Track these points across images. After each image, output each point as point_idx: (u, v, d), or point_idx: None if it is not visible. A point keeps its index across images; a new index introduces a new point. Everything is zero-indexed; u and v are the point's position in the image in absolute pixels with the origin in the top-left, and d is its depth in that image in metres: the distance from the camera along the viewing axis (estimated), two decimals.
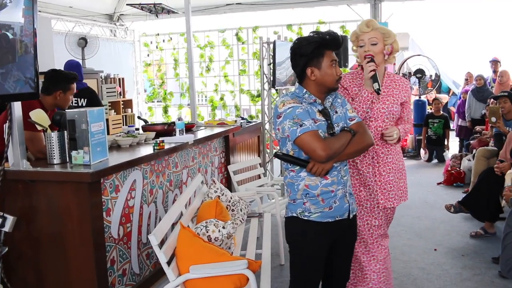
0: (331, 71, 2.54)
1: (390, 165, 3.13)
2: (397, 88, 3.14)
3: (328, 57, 2.53)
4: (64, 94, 3.97)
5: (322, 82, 2.55)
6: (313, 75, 2.54)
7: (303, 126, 2.45)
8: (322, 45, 2.52)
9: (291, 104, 2.51)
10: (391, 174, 3.12)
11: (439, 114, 9.67)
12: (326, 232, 2.61)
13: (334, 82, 2.56)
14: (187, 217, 3.58)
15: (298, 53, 2.55)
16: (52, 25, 9.02)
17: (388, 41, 3.06)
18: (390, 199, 3.13)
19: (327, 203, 2.56)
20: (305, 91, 2.58)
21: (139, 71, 12.48)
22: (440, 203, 6.29)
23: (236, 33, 11.32)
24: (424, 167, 9.33)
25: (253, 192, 4.70)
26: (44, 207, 3.24)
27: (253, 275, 2.76)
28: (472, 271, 4.33)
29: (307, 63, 2.54)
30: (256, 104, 11.21)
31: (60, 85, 3.96)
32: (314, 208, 2.56)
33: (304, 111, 2.49)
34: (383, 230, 3.24)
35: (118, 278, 3.53)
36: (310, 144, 2.44)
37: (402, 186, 3.22)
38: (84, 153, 3.28)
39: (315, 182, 2.54)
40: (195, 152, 4.86)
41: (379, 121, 3.08)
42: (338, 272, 2.81)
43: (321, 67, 2.53)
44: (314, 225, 2.57)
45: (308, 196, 2.56)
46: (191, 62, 6.34)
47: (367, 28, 3.04)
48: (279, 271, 4.39)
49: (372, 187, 3.12)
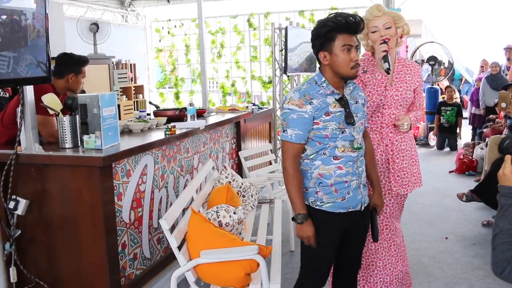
0: (343, 56, 2.43)
1: (404, 152, 3.12)
2: (409, 74, 3.11)
3: (341, 41, 2.42)
4: (76, 77, 3.99)
5: (334, 68, 2.47)
6: (325, 60, 2.48)
7: (284, 133, 2.49)
8: (334, 28, 2.42)
9: (293, 106, 2.45)
10: (404, 161, 3.11)
11: (452, 102, 9.59)
12: (338, 223, 2.58)
13: (348, 68, 2.45)
14: (198, 203, 3.58)
15: (313, 35, 2.50)
16: (64, 10, 9.02)
17: (400, 24, 3.04)
18: (404, 185, 3.12)
19: (340, 193, 2.52)
20: (323, 80, 2.50)
21: (151, 57, 12.47)
22: (451, 191, 6.25)
23: (247, 19, 11.26)
24: (436, 155, 9.27)
25: (264, 178, 4.70)
26: (56, 191, 3.25)
27: (264, 260, 2.75)
28: (483, 259, 4.31)
29: (321, 46, 2.48)
30: (267, 91, 11.17)
31: (72, 68, 3.98)
32: (326, 198, 2.52)
33: (298, 117, 2.44)
34: (395, 218, 3.23)
35: (129, 262, 3.55)
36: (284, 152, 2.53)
37: (416, 172, 3.21)
38: (96, 137, 3.28)
39: (329, 172, 2.50)
40: (206, 137, 4.85)
41: (393, 108, 3.05)
42: (350, 261, 2.80)
43: (332, 51, 2.45)
44: (325, 215, 2.54)
45: (321, 185, 2.51)
46: (202, 48, 6.32)
47: (379, 13, 2.99)
48: (289, 257, 4.39)
49: (384, 173, 3.11)
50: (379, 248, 3.20)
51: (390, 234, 3.22)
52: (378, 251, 3.20)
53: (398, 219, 3.31)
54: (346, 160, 2.52)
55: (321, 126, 2.45)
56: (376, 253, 3.21)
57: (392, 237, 3.22)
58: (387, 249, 3.21)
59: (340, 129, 2.47)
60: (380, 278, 3.23)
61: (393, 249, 3.23)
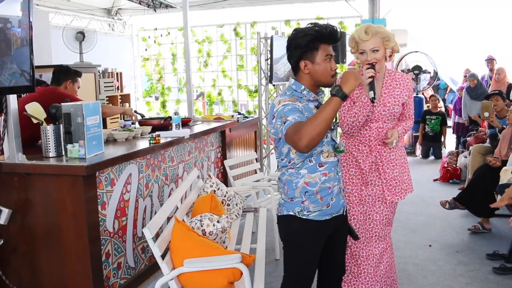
0: (325, 66, 2.49)
1: (394, 161, 3.14)
2: (398, 88, 3.10)
3: (323, 51, 2.48)
4: (72, 84, 4.51)
5: (315, 77, 2.51)
6: (306, 69, 2.51)
7: (286, 122, 2.36)
8: (317, 38, 2.46)
9: (285, 102, 2.45)
10: (395, 170, 3.15)
11: (436, 111, 9.68)
12: (324, 230, 2.61)
13: (329, 77, 2.52)
14: (182, 211, 3.59)
15: (293, 44, 2.51)
16: (50, 19, 8.99)
17: (389, 45, 3.01)
18: (397, 193, 3.17)
19: (325, 200, 2.55)
20: (303, 88, 2.53)
21: (137, 65, 12.46)
22: (436, 199, 6.29)
23: (234, 28, 11.30)
24: (420, 164, 9.35)
25: (249, 187, 4.71)
26: (40, 200, 3.25)
27: (247, 269, 2.76)
28: (466, 267, 4.35)
29: (301, 55, 2.50)
30: (253, 100, 11.20)
31: (70, 76, 4.50)
32: (313, 206, 2.54)
33: (293, 107, 2.41)
34: (386, 224, 3.24)
35: (113, 271, 3.54)
36: (292, 138, 2.30)
37: (407, 179, 3.26)
38: (80, 146, 3.28)
39: (315, 180, 2.53)
40: (191, 146, 4.86)
41: (380, 122, 3.08)
42: (334, 266, 2.81)
43: (315, 60, 2.49)
44: (313, 224, 2.56)
45: (307, 194, 2.53)
46: (188, 57, 6.34)
47: (366, 36, 2.98)
48: (274, 265, 4.40)
49: (375, 182, 3.14)
50: (370, 255, 3.23)
51: (378, 241, 3.24)
52: (369, 257, 3.23)
53: (391, 226, 3.33)
54: (329, 166, 2.55)
55: None
56: (367, 260, 3.23)
57: (381, 244, 3.25)
58: (377, 256, 3.24)
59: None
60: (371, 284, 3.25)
61: (385, 257, 3.26)
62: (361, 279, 3.22)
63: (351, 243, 3.20)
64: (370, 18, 9.90)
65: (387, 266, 3.28)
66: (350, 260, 3.21)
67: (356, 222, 3.18)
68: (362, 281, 3.22)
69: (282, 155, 2.57)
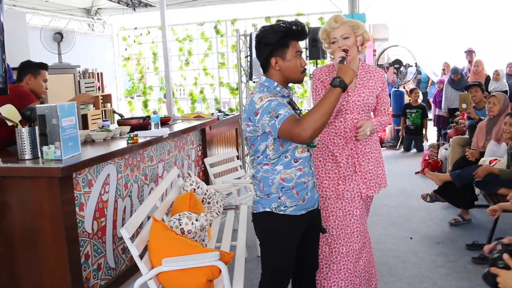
0: (295, 62, 2.52)
1: (369, 154, 3.16)
2: (372, 79, 3.15)
3: (294, 48, 2.51)
4: (34, 78, 4.19)
5: (286, 73, 2.54)
6: (277, 65, 2.52)
7: (279, 117, 2.37)
8: (288, 35, 2.49)
9: (268, 98, 2.45)
10: (370, 163, 3.16)
11: (416, 104, 9.75)
12: (301, 225, 2.63)
13: (299, 73, 2.55)
14: (161, 211, 3.58)
15: (263, 42, 2.52)
16: (27, 19, 8.91)
17: (359, 32, 3.06)
18: (372, 187, 3.17)
19: (301, 195, 2.57)
20: (276, 84, 2.55)
21: (118, 65, 12.40)
22: (417, 192, 6.35)
23: (214, 26, 11.29)
24: (402, 157, 9.41)
25: (229, 184, 4.72)
26: (16, 203, 3.22)
27: (225, 266, 2.77)
28: (446, 258, 4.40)
29: (272, 52, 2.51)
30: (236, 97, 11.20)
31: (29, 69, 4.18)
32: (289, 201, 2.56)
33: (279, 102, 2.44)
34: (364, 220, 3.26)
35: (93, 272, 3.53)
36: (292, 130, 2.33)
37: (381, 173, 3.27)
38: (56, 148, 3.26)
39: (291, 175, 2.54)
40: (171, 145, 4.85)
41: (355, 113, 3.09)
42: (308, 261, 2.83)
43: (285, 57, 2.51)
44: (290, 219, 2.57)
45: (283, 189, 2.55)
46: (166, 55, 6.33)
47: (336, 24, 3.03)
48: (256, 262, 4.40)
49: (351, 177, 3.15)
50: (350, 251, 3.23)
51: (360, 236, 3.25)
52: (349, 253, 3.23)
53: (366, 222, 3.35)
54: (304, 161, 2.58)
55: None
56: (347, 256, 3.23)
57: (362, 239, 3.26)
58: (357, 252, 3.25)
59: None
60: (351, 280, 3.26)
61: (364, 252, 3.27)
62: (340, 275, 3.23)
63: (331, 239, 3.20)
64: (350, 13, 9.96)
65: (366, 261, 3.30)
66: (330, 257, 3.22)
67: (335, 218, 3.17)
68: (342, 277, 3.23)
69: (258, 152, 2.57)
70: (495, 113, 5.59)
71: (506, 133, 4.92)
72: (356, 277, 3.25)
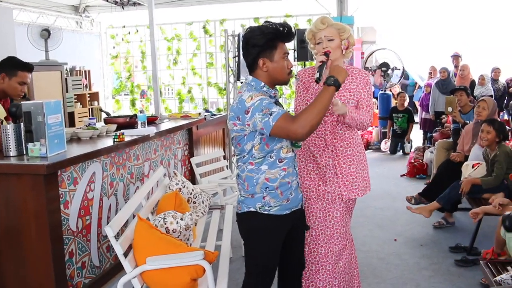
0: (283, 64, 2.55)
1: (351, 157, 3.13)
2: (354, 82, 3.11)
3: (281, 49, 2.54)
4: (8, 79, 3.74)
5: (273, 74, 2.56)
6: (264, 66, 2.54)
7: (273, 114, 2.40)
8: (276, 37, 2.51)
9: (258, 97, 2.47)
10: (352, 165, 3.13)
11: (403, 109, 9.83)
12: (285, 224, 2.65)
13: (285, 75, 2.58)
14: (146, 209, 3.57)
15: (250, 43, 2.53)
16: (14, 16, 8.84)
17: (344, 36, 3.05)
18: (354, 190, 3.14)
19: (285, 195, 2.60)
20: (263, 84, 2.56)
21: (106, 63, 12.34)
22: (402, 194, 6.39)
23: (203, 26, 11.27)
24: (388, 160, 9.47)
25: (215, 184, 4.72)
26: (0, 199, 3.20)
27: (209, 265, 2.77)
28: (429, 260, 4.44)
29: (260, 53, 2.53)
30: (223, 97, 11.20)
31: (4, 69, 3.75)
32: (273, 201, 2.58)
33: (269, 101, 2.47)
34: (345, 221, 3.26)
35: (77, 270, 3.52)
36: (288, 127, 2.38)
37: (366, 176, 3.24)
38: (41, 145, 3.25)
39: (275, 175, 2.56)
40: (157, 144, 4.84)
41: (334, 116, 3.08)
42: (294, 262, 2.84)
43: (273, 59, 2.53)
44: (274, 218, 2.59)
45: (267, 189, 2.56)
46: (154, 54, 6.32)
47: (322, 25, 3.03)
48: (241, 262, 4.41)
49: (333, 179, 3.14)
50: (329, 252, 3.24)
51: (340, 238, 3.26)
52: (328, 254, 3.24)
53: (348, 224, 3.35)
54: (288, 161, 2.60)
55: None
56: (326, 257, 3.24)
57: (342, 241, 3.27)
58: (337, 253, 3.26)
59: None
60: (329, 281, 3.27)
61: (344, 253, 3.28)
62: (319, 275, 3.24)
63: (310, 239, 3.21)
64: (338, 15, 10.00)
65: (346, 263, 3.31)
66: (309, 257, 3.23)
67: (315, 219, 3.17)
68: (320, 277, 3.24)
69: (244, 152, 2.58)
70: (483, 117, 5.61)
71: (483, 141, 4.93)
72: (335, 278, 3.26)
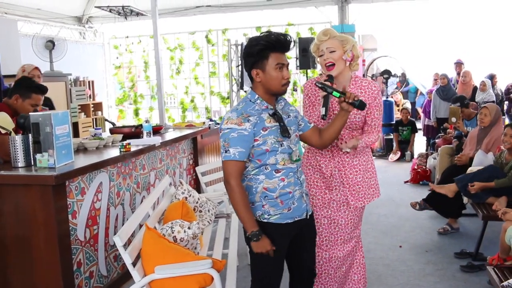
0: (276, 74, 2.51)
1: (357, 167, 3.15)
2: (362, 96, 3.05)
3: (274, 60, 2.50)
4: (22, 100, 3.90)
5: (266, 85, 2.54)
6: (258, 77, 2.54)
7: (227, 153, 2.47)
8: (267, 47, 2.49)
9: (232, 125, 2.48)
10: (359, 175, 3.14)
11: (407, 122, 10.03)
12: (286, 233, 2.65)
13: (279, 86, 2.54)
14: (153, 219, 3.60)
15: (245, 53, 2.56)
16: (19, 27, 8.91)
17: (347, 47, 3.02)
18: (360, 198, 3.16)
19: (285, 204, 2.60)
20: (257, 97, 2.57)
21: (109, 73, 12.41)
22: (406, 201, 6.41)
23: (206, 35, 11.34)
24: (392, 166, 9.49)
25: (221, 193, 4.75)
26: (9, 210, 3.23)
27: (218, 274, 2.80)
28: (435, 266, 4.45)
29: (253, 64, 2.54)
30: (226, 106, 11.25)
31: (19, 90, 3.92)
32: (273, 210, 2.58)
33: (238, 136, 2.48)
34: (352, 228, 3.28)
35: (85, 280, 3.54)
36: (228, 173, 2.49)
37: (373, 184, 3.24)
38: (49, 156, 3.28)
39: (274, 185, 2.57)
40: (163, 154, 4.88)
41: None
42: (304, 270, 2.85)
43: (265, 69, 2.52)
44: (273, 227, 2.59)
45: (267, 198, 2.57)
46: (158, 64, 6.36)
47: (324, 37, 3.03)
48: (247, 270, 4.39)
49: (339, 188, 3.15)
50: (332, 257, 3.27)
51: (343, 244, 3.28)
52: (331, 260, 3.27)
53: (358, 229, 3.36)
54: (287, 171, 2.60)
55: (261, 141, 2.51)
56: (329, 262, 3.27)
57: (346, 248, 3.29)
58: (340, 259, 3.28)
59: (279, 142, 2.54)
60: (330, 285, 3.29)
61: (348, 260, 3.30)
62: (321, 279, 3.27)
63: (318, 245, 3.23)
64: (340, 24, 10.06)
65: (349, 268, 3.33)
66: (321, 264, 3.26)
67: (319, 225, 3.19)
68: (322, 281, 3.28)
69: None
70: (486, 124, 5.65)
71: (506, 144, 4.88)
72: (335, 281, 3.31)
